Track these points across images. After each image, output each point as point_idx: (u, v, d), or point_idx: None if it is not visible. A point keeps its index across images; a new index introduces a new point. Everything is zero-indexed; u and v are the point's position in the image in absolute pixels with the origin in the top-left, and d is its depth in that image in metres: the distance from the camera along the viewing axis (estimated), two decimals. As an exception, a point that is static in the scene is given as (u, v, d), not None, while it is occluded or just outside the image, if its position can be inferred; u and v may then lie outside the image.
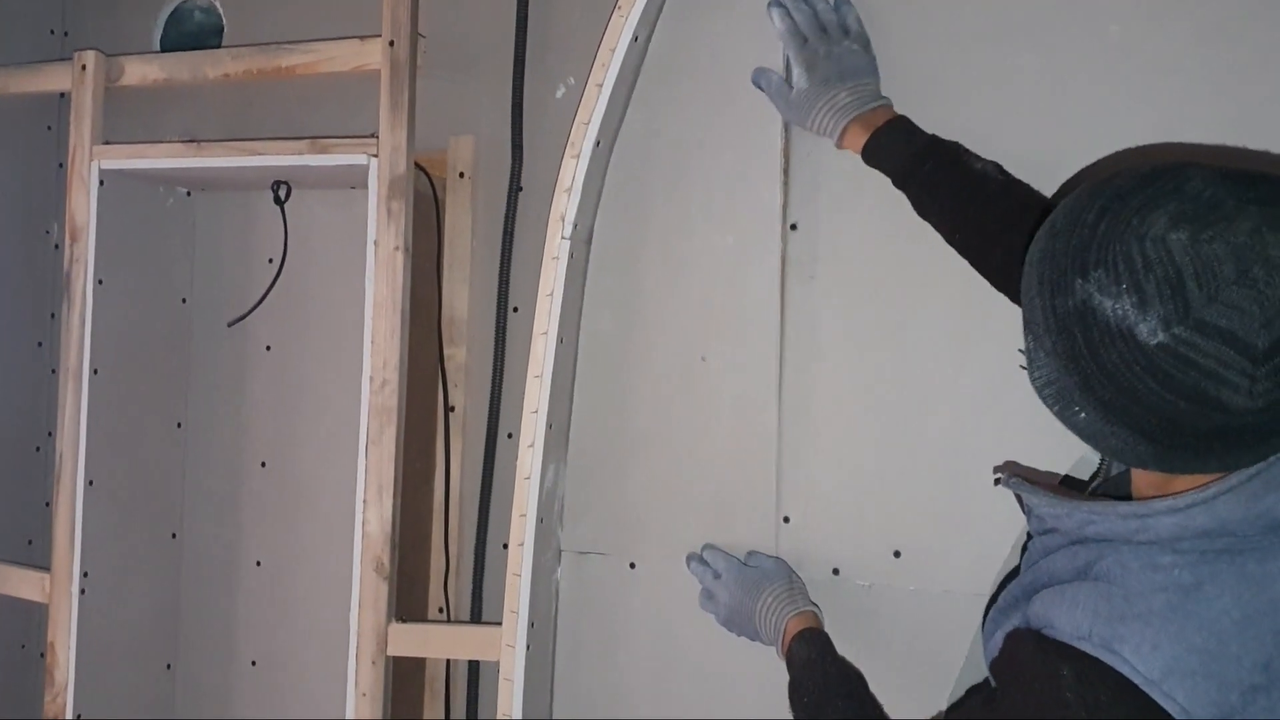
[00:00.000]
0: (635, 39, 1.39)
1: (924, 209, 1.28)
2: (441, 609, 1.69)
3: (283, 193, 1.76)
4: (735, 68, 1.45)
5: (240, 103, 1.85)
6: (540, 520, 1.43)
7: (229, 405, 1.88)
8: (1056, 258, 0.83)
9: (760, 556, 1.40)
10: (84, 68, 1.69)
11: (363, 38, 1.58)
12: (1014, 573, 1.06)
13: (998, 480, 1.06)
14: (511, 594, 1.42)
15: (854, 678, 1.24)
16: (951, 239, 1.26)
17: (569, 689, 1.53)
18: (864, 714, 1.19)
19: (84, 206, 1.68)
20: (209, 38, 1.93)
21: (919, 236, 1.29)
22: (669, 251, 1.49)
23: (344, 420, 1.71)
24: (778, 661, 1.30)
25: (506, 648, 1.41)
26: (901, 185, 1.29)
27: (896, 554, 1.37)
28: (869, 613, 1.39)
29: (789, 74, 1.39)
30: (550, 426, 1.43)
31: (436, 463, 1.70)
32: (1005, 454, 1.31)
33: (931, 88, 1.36)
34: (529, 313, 1.51)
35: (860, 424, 1.40)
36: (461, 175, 1.69)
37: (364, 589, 1.52)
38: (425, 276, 1.65)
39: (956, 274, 1.26)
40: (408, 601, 1.59)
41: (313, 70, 1.63)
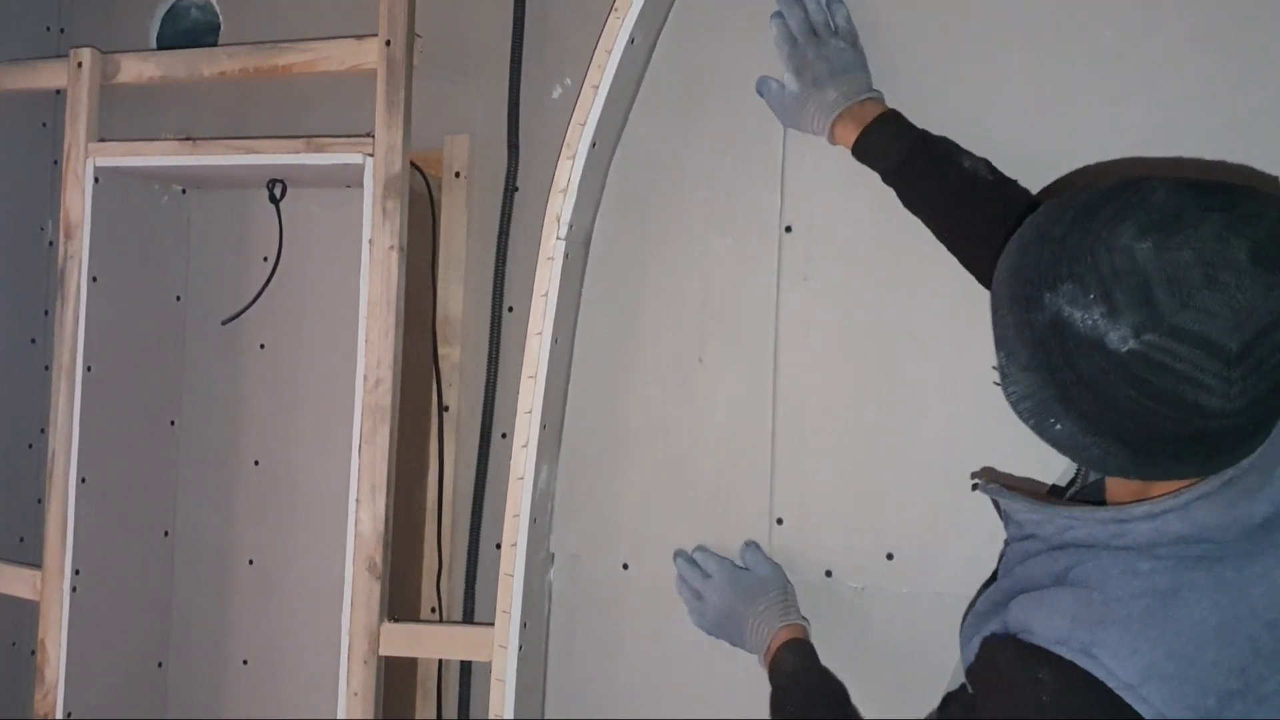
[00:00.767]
0: (632, 41, 1.39)
1: (912, 205, 1.28)
2: (433, 609, 1.69)
3: (278, 191, 1.76)
4: (735, 73, 1.46)
5: (235, 100, 1.85)
6: (533, 521, 1.43)
7: (222, 403, 1.88)
8: (1026, 273, 0.85)
9: (758, 556, 1.40)
10: (80, 65, 1.68)
11: (359, 37, 1.58)
12: (993, 578, 1.06)
13: (975, 486, 1.07)
14: (504, 594, 1.42)
15: (838, 691, 1.24)
16: (940, 236, 1.27)
17: (561, 690, 1.53)
18: None
19: (79, 204, 1.68)
20: (205, 35, 1.93)
21: (914, 239, 1.29)
22: (666, 253, 1.50)
23: (337, 419, 1.71)
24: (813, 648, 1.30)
25: (499, 648, 1.41)
26: (890, 182, 1.30)
27: (889, 556, 1.37)
28: (861, 615, 1.39)
29: None
30: (544, 427, 1.43)
31: (430, 462, 1.69)
32: (998, 457, 1.31)
33: (927, 92, 1.36)
34: (524, 313, 1.51)
35: (854, 426, 1.41)
36: (457, 175, 1.69)
37: (356, 588, 1.51)
38: (420, 275, 1.65)
39: (951, 277, 1.26)
40: (399, 601, 1.59)
41: (309, 69, 1.63)
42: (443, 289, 1.69)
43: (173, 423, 1.89)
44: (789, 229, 1.44)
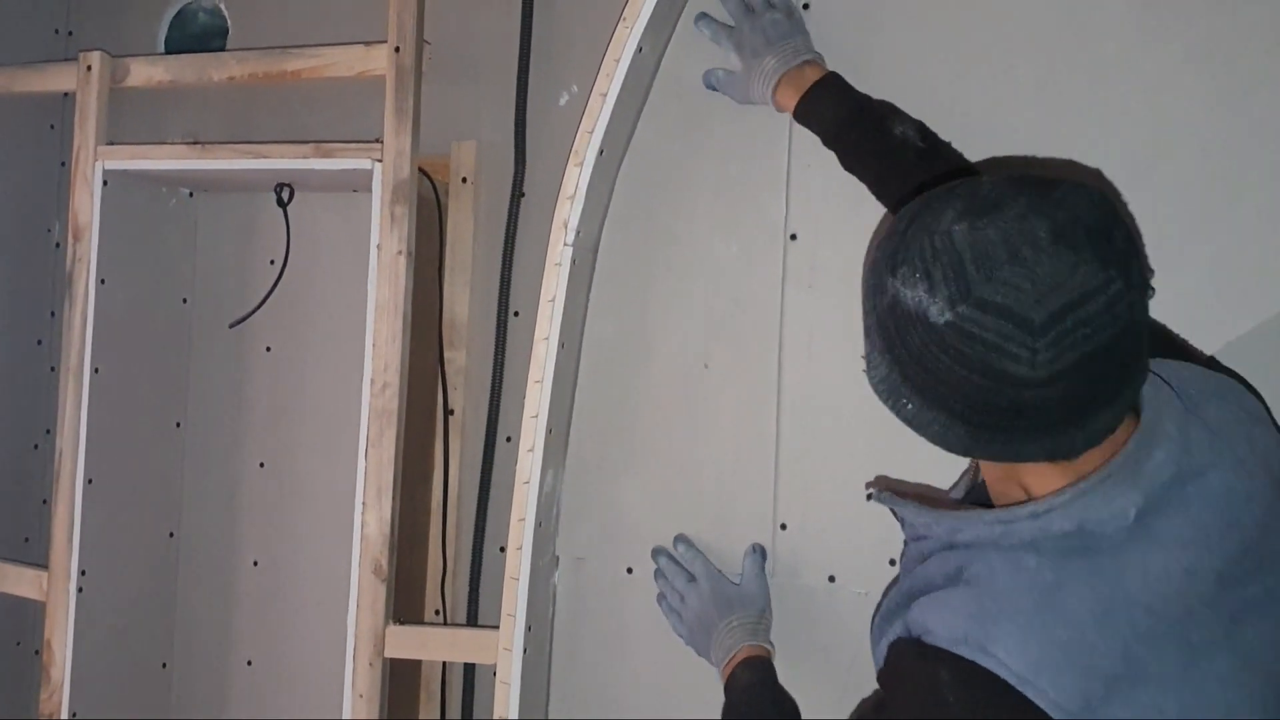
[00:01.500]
0: (640, 50, 1.40)
1: (850, 169, 1.33)
2: (438, 611, 1.70)
3: (286, 195, 1.77)
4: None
5: (242, 104, 1.86)
6: (538, 524, 1.44)
7: (228, 406, 1.89)
8: (877, 264, 0.91)
9: (756, 568, 1.41)
10: (89, 68, 1.69)
11: (368, 43, 1.59)
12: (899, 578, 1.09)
13: (869, 496, 1.11)
14: (509, 598, 1.43)
15: (789, 707, 1.26)
16: (879, 198, 1.31)
17: (565, 693, 1.54)
18: None
19: (87, 206, 1.69)
20: (213, 40, 1.94)
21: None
22: (672, 260, 1.51)
23: (342, 422, 1.72)
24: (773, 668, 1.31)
25: (503, 651, 1.42)
26: (829, 145, 1.33)
27: (892, 562, 1.38)
28: (864, 620, 1.38)
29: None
30: (550, 431, 1.44)
31: (435, 465, 1.70)
32: (1000, 464, 1.32)
33: (929, 100, 1.37)
34: (529, 317, 1.52)
35: (858, 432, 1.42)
36: (464, 180, 1.70)
37: (362, 591, 1.52)
38: (426, 280, 1.66)
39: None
40: (404, 603, 1.60)
41: (318, 75, 1.64)
42: (449, 293, 1.70)
43: (178, 424, 1.90)
44: (794, 236, 1.45)
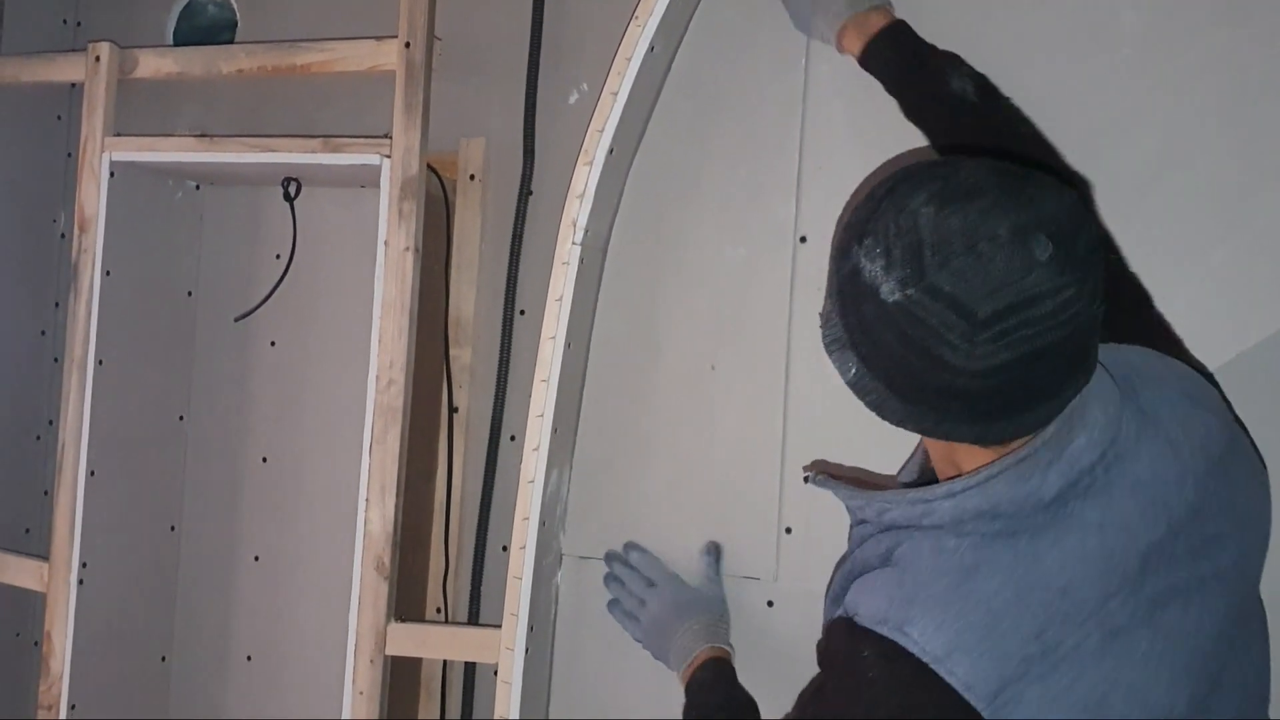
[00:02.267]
0: (652, 49, 1.40)
1: (911, 118, 1.31)
2: (439, 609, 1.69)
3: (293, 189, 1.76)
4: (753, 84, 1.46)
5: (250, 98, 1.85)
6: (542, 524, 1.44)
7: (231, 400, 1.89)
8: (849, 228, 0.92)
9: (713, 570, 1.42)
10: (98, 59, 1.69)
11: (379, 38, 1.59)
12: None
13: (807, 479, 1.13)
14: (512, 597, 1.42)
15: (747, 706, 1.27)
16: (936, 150, 1.30)
17: (566, 693, 1.54)
18: None
19: (94, 197, 1.69)
20: (221, 33, 1.94)
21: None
22: (681, 261, 1.50)
23: (345, 418, 1.72)
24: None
25: (505, 650, 1.42)
26: (891, 93, 1.32)
27: (896, 567, 1.38)
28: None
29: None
30: (555, 431, 1.43)
31: (438, 463, 1.70)
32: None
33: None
34: (535, 316, 1.52)
35: (864, 436, 1.41)
36: (472, 177, 1.69)
37: (364, 588, 1.52)
38: (432, 277, 1.65)
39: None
40: (405, 601, 1.59)
41: (327, 69, 1.63)
42: (455, 291, 1.70)
43: (182, 418, 1.89)
44: (804, 239, 1.45)
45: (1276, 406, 1.16)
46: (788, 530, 1.43)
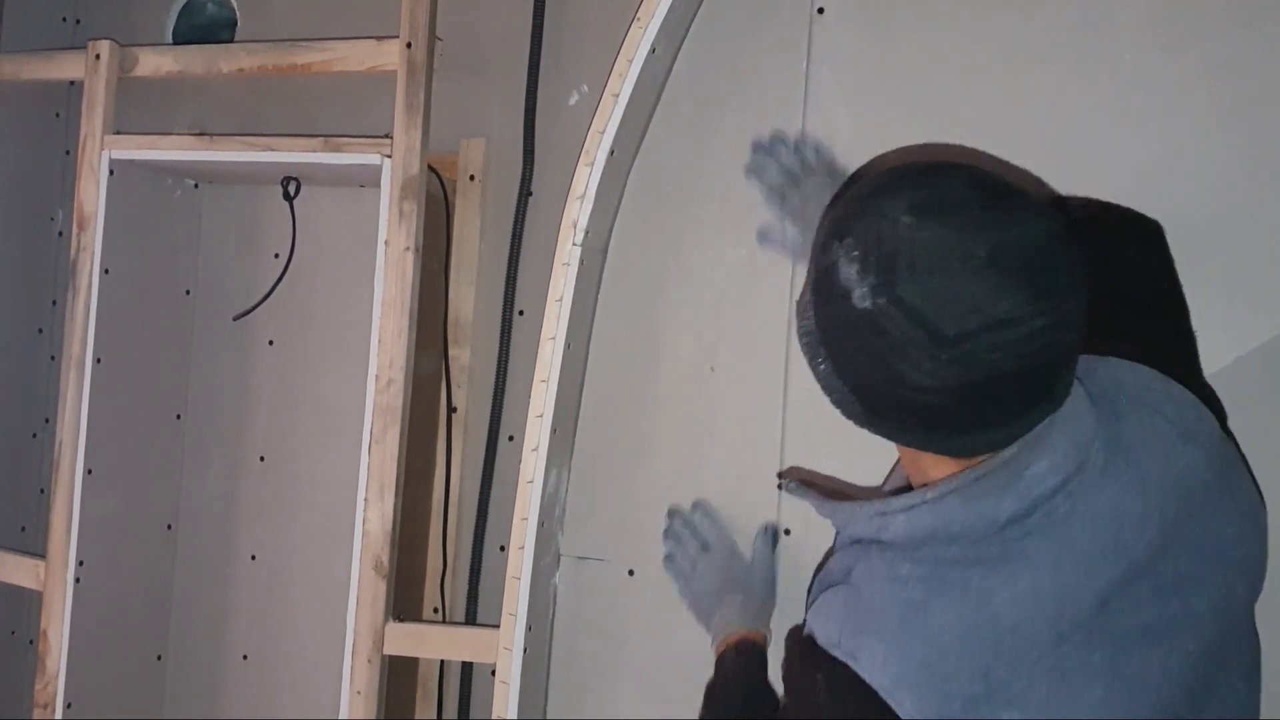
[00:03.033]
0: (653, 50, 1.40)
1: None
2: (436, 609, 1.69)
3: (292, 189, 1.76)
4: (754, 86, 1.47)
5: (250, 97, 1.85)
6: (541, 524, 1.44)
7: (230, 399, 1.88)
8: (833, 223, 0.91)
9: (768, 546, 1.40)
10: (98, 57, 1.69)
11: (379, 38, 1.59)
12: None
13: (780, 485, 1.12)
14: (510, 597, 1.42)
15: (770, 703, 1.25)
16: None
17: (564, 693, 1.54)
18: None
19: (93, 195, 1.68)
20: (221, 31, 1.94)
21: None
22: (681, 263, 1.51)
23: (343, 417, 1.72)
24: (770, 671, 1.30)
25: (503, 650, 1.42)
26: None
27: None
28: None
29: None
30: (555, 431, 1.43)
31: (436, 463, 1.70)
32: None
33: (943, 110, 1.37)
34: (534, 317, 1.52)
35: (862, 439, 1.40)
36: (472, 178, 1.69)
37: (362, 587, 1.52)
38: (432, 277, 1.65)
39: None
40: (402, 600, 1.59)
41: (328, 69, 1.63)
42: (454, 291, 1.70)
43: (179, 417, 1.89)
44: (803, 241, 1.45)
45: (1274, 410, 1.16)
46: (786, 532, 1.44)
